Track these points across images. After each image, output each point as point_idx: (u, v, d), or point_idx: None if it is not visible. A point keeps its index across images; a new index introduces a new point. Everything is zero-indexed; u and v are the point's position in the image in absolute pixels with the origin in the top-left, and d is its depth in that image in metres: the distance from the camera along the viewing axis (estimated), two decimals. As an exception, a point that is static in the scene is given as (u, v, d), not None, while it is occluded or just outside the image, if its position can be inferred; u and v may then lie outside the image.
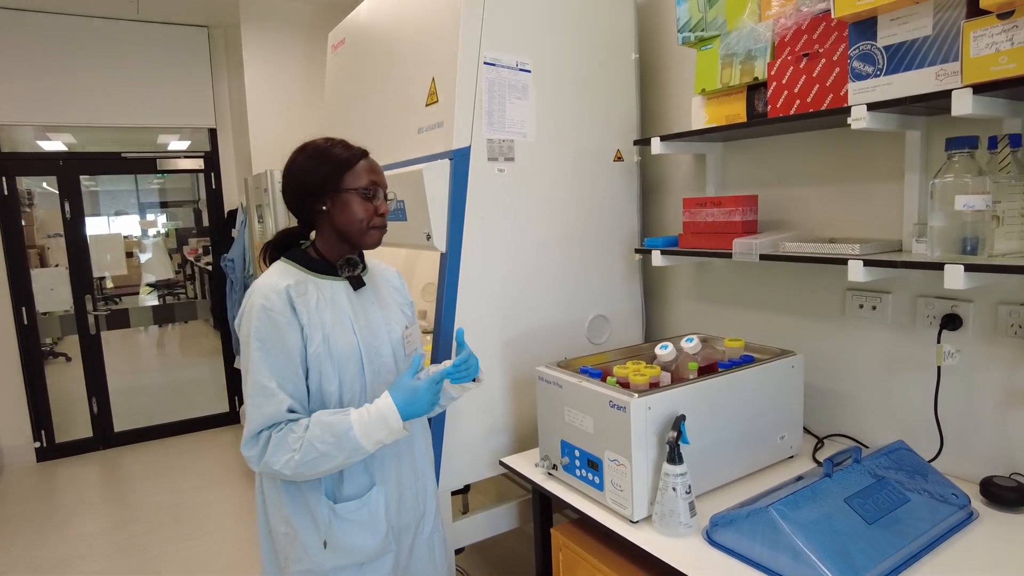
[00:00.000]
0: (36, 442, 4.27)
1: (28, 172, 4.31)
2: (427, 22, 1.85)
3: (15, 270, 4.11)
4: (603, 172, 2.01)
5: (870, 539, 1.14)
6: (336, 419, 1.27)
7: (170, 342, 6.28)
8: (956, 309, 1.45)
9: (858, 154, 1.62)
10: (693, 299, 2.13)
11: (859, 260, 1.35)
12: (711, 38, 1.71)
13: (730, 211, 1.70)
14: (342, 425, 1.26)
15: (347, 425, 1.25)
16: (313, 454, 1.25)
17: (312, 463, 1.26)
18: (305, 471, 1.27)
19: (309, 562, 1.37)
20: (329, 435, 1.25)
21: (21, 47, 4.00)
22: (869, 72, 1.31)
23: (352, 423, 1.26)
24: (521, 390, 1.87)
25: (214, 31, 4.52)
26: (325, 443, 1.25)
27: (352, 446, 1.26)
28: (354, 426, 1.25)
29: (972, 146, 1.23)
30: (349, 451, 1.26)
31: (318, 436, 1.25)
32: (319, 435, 1.25)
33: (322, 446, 1.25)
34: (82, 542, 3.13)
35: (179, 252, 5.46)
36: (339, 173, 1.34)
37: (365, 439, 1.26)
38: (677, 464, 1.28)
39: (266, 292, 1.32)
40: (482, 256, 1.78)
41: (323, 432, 1.26)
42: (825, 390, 1.75)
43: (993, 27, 1.09)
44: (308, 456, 1.25)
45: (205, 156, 4.68)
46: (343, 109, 2.46)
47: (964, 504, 1.31)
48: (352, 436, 1.25)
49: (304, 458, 1.25)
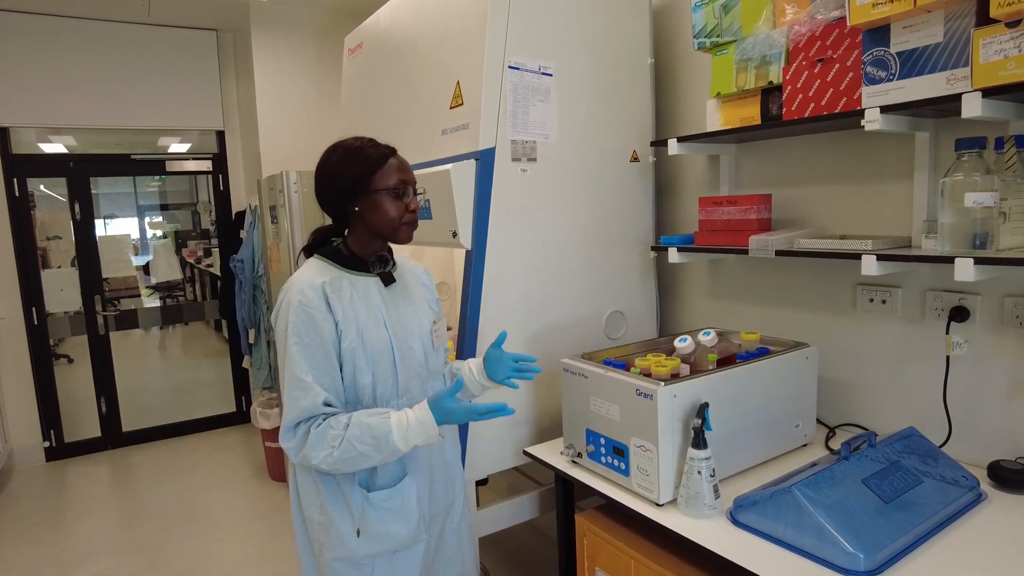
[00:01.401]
0: (46, 442, 4.30)
1: (38, 174, 4.34)
2: (451, 28, 1.92)
3: (25, 271, 4.14)
4: (620, 172, 2.08)
5: (888, 517, 1.21)
6: (376, 421, 1.32)
7: (172, 343, 6.31)
8: (963, 302, 1.52)
9: (868, 155, 1.69)
10: (706, 295, 2.20)
11: (872, 255, 1.42)
12: (726, 44, 1.78)
13: (745, 209, 1.77)
14: (382, 428, 1.31)
15: (387, 429, 1.31)
16: (352, 453, 1.30)
17: (350, 461, 1.31)
18: (342, 467, 1.32)
19: (343, 549, 1.42)
20: (369, 436, 1.30)
21: (34, 50, 4.04)
22: (882, 76, 1.38)
23: (393, 427, 1.31)
24: (542, 383, 1.93)
25: (223, 35, 4.57)
26: (364, 444, 1.30)
27: (391, 449, 1.31)
28: (394, 430, 1.31)
29: (981, 146, 1.30)
30: (387, 453, 1.32)
31: (358, 437, 1.30)
32: (359, 436, 1.30)
33: (361, 447, 1.30)
34: (94, 539, 3.17)
35: (178, 254, 5.50)
36: (369, 173, 1.39)
37: (403, 443, 1.31)
38: (702, 448, 1.35)
39: (302, 288, 1.36)
40: (506, 253, 1.85)
41: (363, 433, 1.30)
42: (836, 381, 1.82)
43: (1002, 35, 1.17)
44: (347, 455, 1.30)
45: (213, 158, 4.73)
46: (362, 111, 2.52)
47: (973, 486, 1.38)
48: (391, 440, 1.31)
49: (343, 456, 1.30)
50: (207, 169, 4.74)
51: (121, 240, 4.92)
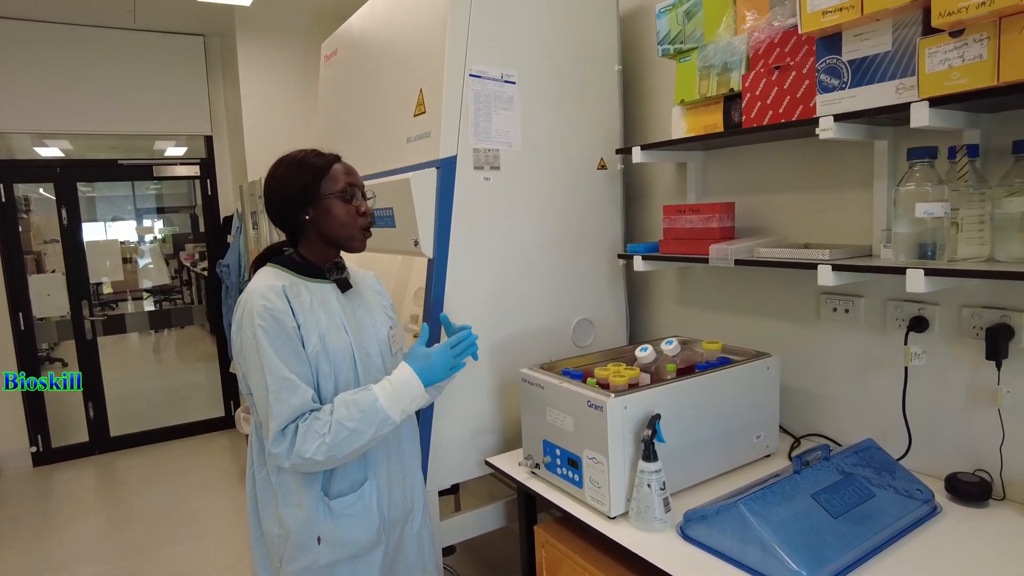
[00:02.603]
0: (32, 447, 4.30)
1: (26, 179, 4.36)
2: (415, 35, 1.91)
3: (12, 276, 4.15)
4: (587, 180, 2.06)
5: (836, 532, 1.20)
6: (360, 396, 1.32)
7: (167, 347, 6.32)
8: (923, 312, 1.51)
9: (831, 163, 1.68)
10: (676, 303, 2.19)
11: (828, 265, 1.41)
12: (689, 50, 1.77)
13: (708, 217, 1.76)
14: (367, 399, 1.31)
15: (373, 398, 1.31)
16: (344, 433, 1.28)
17: (343, 443, 1.28)
18: (337, 453, 1.29)
19: (305, 559, 1.40)
20: (356, 411, 1.29)
21: (20, 55, 4.06)
22: (835, 85, 1.37)
23: (377, 395, 1.31)
24: (508, 392, 1.92)
25: (210, 40, 4.58)
26: (353, 420, 1.29)
27: (380, 418, 1.31)
28: (380, 397, 1.31)
29: (932, 156, 1.29)
30: (378, 423, 1.31)
31: (345, 415, 1.29)
32: (346, 414, 1.29)
33: (351, 423, 1.28)
34: (82, 545, 3.17)
35: (175, 257, 5.51)
36: (317, 180, 1.39)
37: (392, 409, 1.31)
38: (652, 461, 1.33)
39: (264, 292, 1.34)
40: (469, 261, 1.84)
41: (349, 410, 1.29)
42: (802, 391, 1.80)
43: (946, 44, 1.15)
44: (339, 436, 1.28)
45: (201, 163, 4.74)
46: (335, 119, 2.51)
47: (928, 499, 1.36)
48: (379, 407, 1.30)
49: (335, 439, 1.28)
50: (195, 174, 4.74)
51: (110, 245, 4.92)
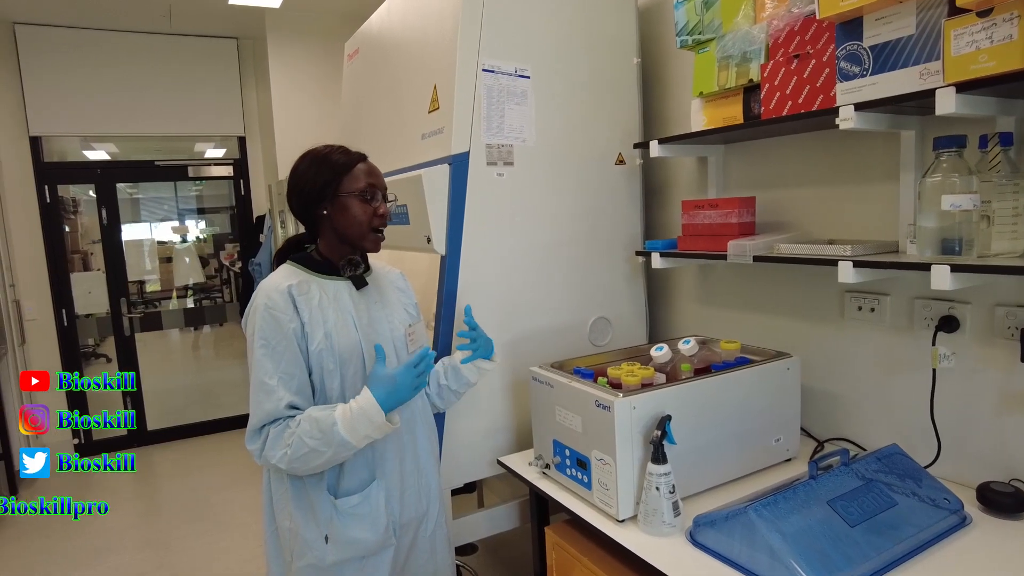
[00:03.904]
0: (75, 439, 4.45)
1: (68, 180, 4.51)
2: (429, 31, 1.90)
3: (56, 274, 4.30)
4: (605, 176, 2.02)
5: (851, 541, 1.14)
6: (323, 415, 1.31)
7: (205, 344, 6.46)
8: (953, 311, 1.43)
9: (856, 155, 1.60)
10: (698, 302, 2.13)
11: (849, 261, 1.34)
12: (708, 41, 1.72)
13: (727, 213, 1.70)
14: (327, 421, 1.29)
15: (332, 421, 1.29)
16: (303, 449, 1.29)
17: (303, 458, 1.30)
18: (298, 466, 1.31)
19: (312, 557, 1.41)
20: (317, 431, 1.29)
21: (64, 63, 4.20)
22: (856, 72, 1.30)
23: (337, 419, 1.29)
24: (522, 390, 1.89)
25: (243, 42, 4.67)
26: (314, 438, 1.29)
27: (338, 441, 1.29)
28: (338, 422, 1.29)
29: (960, 145, 1.22)
30: (336, 447, 1.29)
31: (307, 432, 1.29)
32: (308, 431, 1.29)
33: (311, 441, 1.28)
34: (112, 535, 3.26)
35: (216, 257, 5.63)
36: (338, 177, 1.40)
37: (350, 434, 1.29)
38: (661, 464, 1.29)
39: (269, 292, 1.37)
40: (482, 258, 1.82)
41: (311, 428, 1.29)
42: (826, 393, 1.73)
43: (973, 25, 1.08)
44: (299, 452, 1.29)
45: (235, 163, 4.83)
46: (357, 117, 2.52)
47: (957, 509, 1.29)
48: (337, 432, 1.28)
49: (295, 453, 1.29)
50: (228, 175, 4.84)
51: (149, 244, 5.06)
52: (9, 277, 4.03)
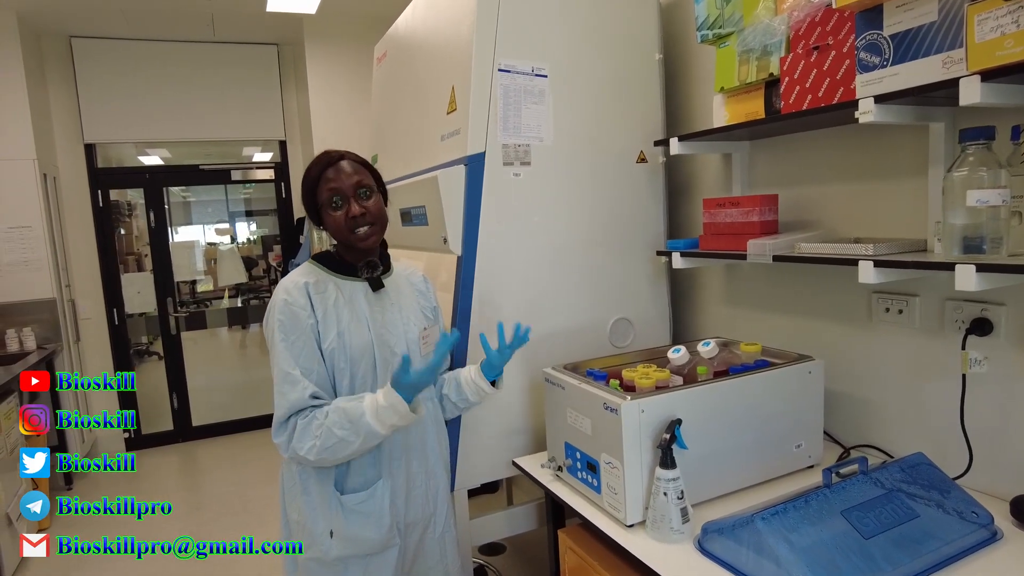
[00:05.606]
0: (125, 433, 4.65)
1: (119, 185, 4.71)
2: (448, 32, 1.90)
3: (108, 275, 4.50)
4: (626, 174, 1.99)
5: (864, 553, 1.09)
6: (351, 405, 1.34)
7: (251, 343, 6.66)
8: (987, 313, 1.35)
9: (883, 149, 1.53)
10: (723, 303, 2.07)
11: (869, 261, 1.28)
12: (728, 35, 1.67)
13: (748, 211, 1.65)
14: (356, 411, 1.33)
15: (360, 411, 1.32)
16: (332, 440, 1.32)
17: (332, 448, 1.33)
18: (327, 456, 1.34)
19: (317, 550, 1.44)
20: (346, 420, 1.32)
21: (115, 72, 4.39)
22: (876, 63, 1.24)
23: (365, 409, 1.32)
24: (540, 392, 1.87)
25: (283, 48, 4.78)
26: (343, 429, 1.32)
27: (367, 431, 1.32)
28: (367, 411, 1.32)
29: (988, 137, 1.15)
30: (365, 435, 1.32)
31: (336, 422, 1.32)
32: (337, 421, 1.32)
33: (340, 432, 1.32)
34: (154, 526, 3.38)
35: (264, 258, 5.79)
36: (311, 194, 1.45)
37: (377, 423, 1.31)
38: (670, 468, 1.26)
39: (287, 288, 1.42)
40: (500, 259, 1.81)
41: (340, 418, 1.32)
42: (855, 398, 1.66)
43: (998, 9, 1.02)
44: (328, 442, 1.32)
45: (276, 167, 4.96)
46: (385, 119, 2.55)
47: (987, 523, 1.21)
48: (366, 421, 1.32)
49: (324, 444, 1.32)
50: (270, 178, 4.97)
51: (195, 246, 5.24)
52: (65, 277, 4.22)
